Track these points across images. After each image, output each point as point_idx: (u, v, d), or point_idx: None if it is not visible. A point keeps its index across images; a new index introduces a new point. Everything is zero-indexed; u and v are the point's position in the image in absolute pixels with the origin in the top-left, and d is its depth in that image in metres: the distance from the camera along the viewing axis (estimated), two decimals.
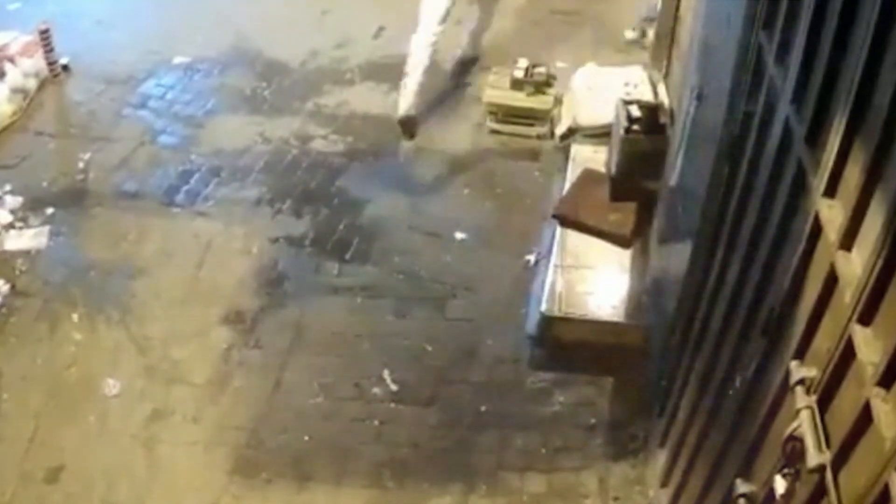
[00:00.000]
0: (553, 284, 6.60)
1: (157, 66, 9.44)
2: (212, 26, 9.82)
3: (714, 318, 4.82)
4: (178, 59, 9.49)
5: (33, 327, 6.88)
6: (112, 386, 6.51)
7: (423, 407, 6.43)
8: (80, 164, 8.20)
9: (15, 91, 8.78)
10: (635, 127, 6.90)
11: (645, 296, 6.38)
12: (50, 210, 7.76)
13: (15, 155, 8.30)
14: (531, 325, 6.71)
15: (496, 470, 6.08)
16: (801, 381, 3.31)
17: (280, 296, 7.20)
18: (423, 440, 6.25)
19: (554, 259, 6.80)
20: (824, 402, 3.20)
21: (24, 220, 7.69)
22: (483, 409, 6.41)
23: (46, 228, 7.63)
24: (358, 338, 6.88)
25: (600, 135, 7.79)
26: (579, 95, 8.34)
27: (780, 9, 3.97)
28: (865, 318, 2.90)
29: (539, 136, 8.60)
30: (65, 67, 9.27)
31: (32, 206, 7.79)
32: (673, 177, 5.84)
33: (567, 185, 7.43)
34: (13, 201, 7.81)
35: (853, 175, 3.08)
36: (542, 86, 8.70)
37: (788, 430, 3.27)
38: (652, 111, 7.08)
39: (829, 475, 3.01)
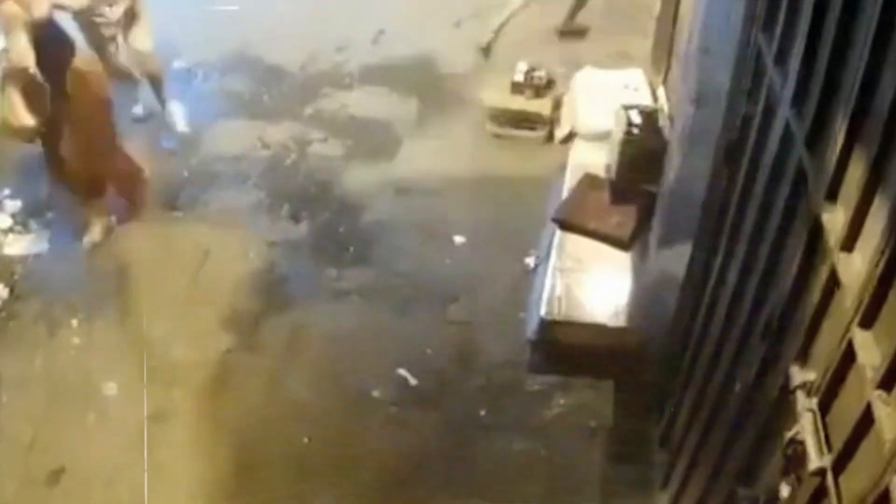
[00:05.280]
0: (552, 288, 6.59)
1: None
2: (211, 30, 9.81)
3: (714, 321, 4.82)
4: (177, 64, 9.49)
5: (32, 332, 6.88)
6: (111, 389, 6.51)
7: (422, 410, 6.43)
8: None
9: None
10: (635, 131, 6.90)
11: (645, 299, 6.37)
12: (50, 214, 7.76)
13: (14, 159, 8.29)
14: (531, 328, 6.70)
15: (496, 473, 6.07)
16: (802, 385, 3.31)
17: (279, 300, 7.20)
18: (423, 443, 6.24)
19: (553, 262, 6.79)
20: (825, 406, 3.20)
21: (23, 224, 7.69)
22: (483, 412, 6.40)
23: (46, 233, 7.62)
24: (357, 341, 6.88)
25: (600, 138, 7.78)
26: (579, 99, 8.34)
27: (779, 10, 3.97)
28: (866, 322, 2.90)
29: (539, 140, 8.60)
30: None
31: (32, 211, 7.78)
32: (672, 180, 5.84)
33: (567, 189, 7.42)
34: (12, 205, 7.81)
35: (854, 178, 3.08)
36: (541, 89, 8.70)
37: (789, 434, 3.27)
38: (651, 115, 7.08)
39: (829, 478, 3.01)
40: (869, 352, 2.86)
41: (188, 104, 8.98)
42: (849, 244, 3.08)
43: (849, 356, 2.99)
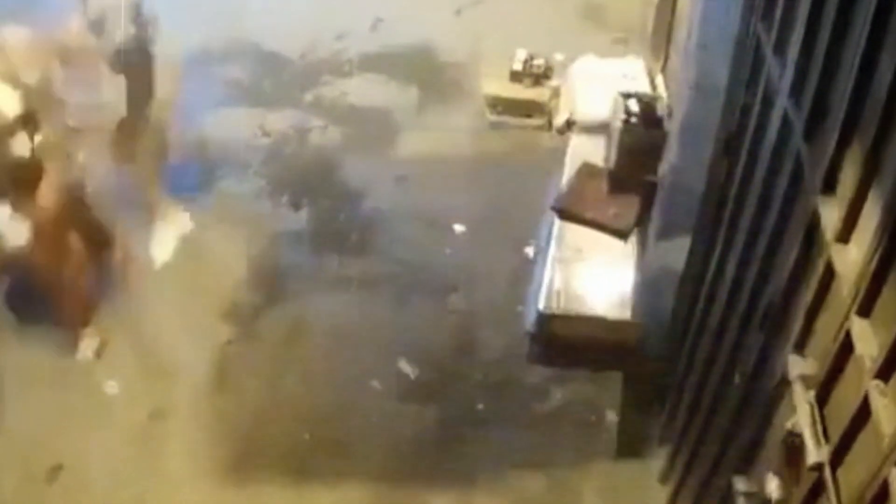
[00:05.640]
0: (551, 280, 6.55)
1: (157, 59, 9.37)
2: (210, 18, 9.77)
3: (713, 312, 4.82)
4: None
5: (34, 326, 6.85)
6: (111, 385, 6.50)
7: (422, 403, 6.44)
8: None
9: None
10: (633, 120, 6.87)
11: (644, 291, 6.35)
12: None
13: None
14: (529, 321, 6.67)
15: (495, 467, 6.08)
16: (800, 376, 3.31)
17: (279, 290, 7.19)
18: (423, 437, 6.25)
19: (552, 252, 6.75)
20: (823, 397, 3.20)
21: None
22: (481, 405, 6.41)
23: None
24: (357, 332, 6.87)
25: (599, 127, 7.75)
26: (577, 87, 8.30)
27: (778, 0, 3.96)
28: (863, 311, 2.90)
29: (537, 129, 8.58)
30: None
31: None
32: (671, 170, 5.82)
33: (565, 178, 7.38)
34: None
35: (851, 168, 3.08)
36: (540, 77, 8.68)
37: (787, 426, 3.27)
38: (650, 104, 7.04)
39: (827, 470, 3.01)
40: (867, 342, 2.87)
41: (189, 92, 8.99)
42: (845, 235, 3.08)
43: (846, 346, 2.99)
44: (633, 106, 6.90)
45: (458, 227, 7.67)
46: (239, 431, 6.28)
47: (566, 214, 7.06)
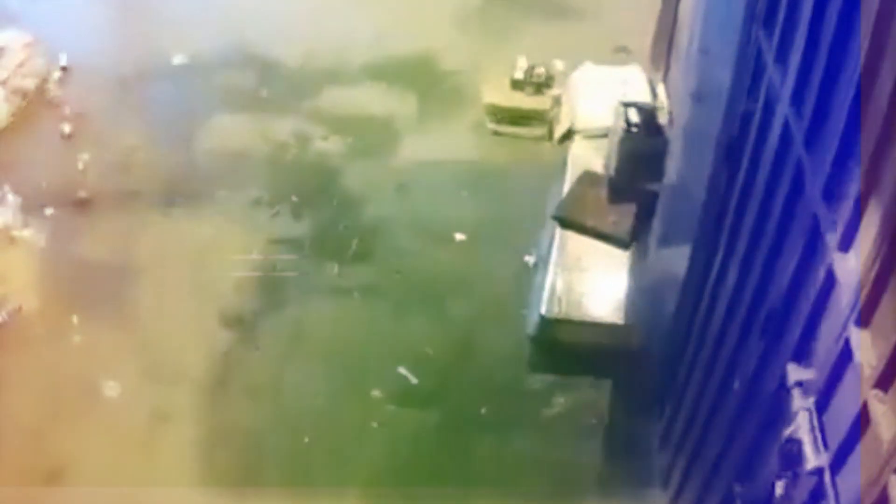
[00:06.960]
0: (553, 286, 6.58)
1: (157, 66, 9.40)
2: (211, 27, 9.79)
3: (713, 319, 4.83)
4: (177, 60, 9.46)
5: (33, 329, 6.86)
6: (112, 387, 6.50)
7: (422, 409, 6.44)
8: (80, 165, 8.16)
9: (14, 92, 8.75)
10: (634, 129, 6.89)
11: (645, 297, 6.37)
12: (49, 211, 7.72)
13: (13, 156, 8.27)
14: (531, 326, 6.69)
15: (496, 471, 6.08)
16: (799, 383, 3.32)
17: (279, 296, 7.19)
18: (423, 441, 6.25)
19: (554, 260, 6.78)
20: (822, 404, 3.20)
21: (22, 220, 7.65)
22: (483, 410, 6.40)
23: (45, 229, 7.59)
24: (358, 339, 6.88)
25: (599, 136, 7.77)
26: (578, 96, 8.32)
27: (779, 8, 3.97)
28: (863, 321, 2.90)
29: (538, 138, 8.58)
30: (64, 69, 9.25)
31: (31, 207, 7.74)
32: (672, 178, 5.84)
33: (566, 187, 7.41)
34: (12, 202, 7.77)
35: (852, 178, 3.08)
36: (541, 86, 8.68)
37: (786, 432, 3.27)
38: (651, 113, 7.07)
39: (827, 477, 3.01)
40: (866, 351, 2.87)
41: (189, 100, 9.00)
42: (845, 243, 3.08)
43: (846, 355, 2.99)
44: (634, 115, 6.93)
45: (459, 236, 7.67)
46: (238, 433, 6.29)
47: (567, 223, 7.08)
